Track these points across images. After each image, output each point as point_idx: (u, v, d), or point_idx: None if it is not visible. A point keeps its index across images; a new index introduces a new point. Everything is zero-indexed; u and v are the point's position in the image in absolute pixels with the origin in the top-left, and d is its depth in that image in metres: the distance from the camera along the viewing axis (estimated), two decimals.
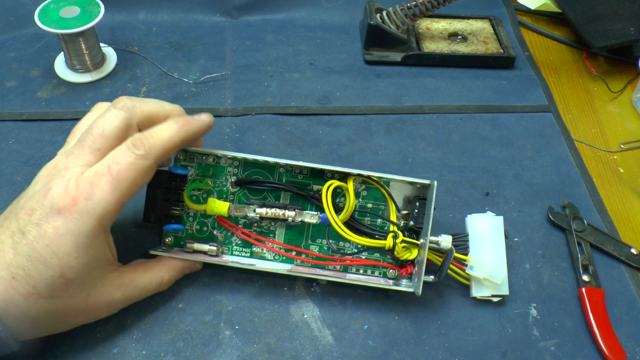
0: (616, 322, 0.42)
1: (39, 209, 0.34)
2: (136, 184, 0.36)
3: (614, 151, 0.56)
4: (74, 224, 0.33)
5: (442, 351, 0.40)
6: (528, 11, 0.71)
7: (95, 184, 0.34)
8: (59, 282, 0.34)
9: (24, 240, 0.33)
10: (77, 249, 0.34)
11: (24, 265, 0.33)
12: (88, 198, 0.34)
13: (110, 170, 0.35)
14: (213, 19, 0.65)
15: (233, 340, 0.39)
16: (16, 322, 0.33)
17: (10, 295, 0.33)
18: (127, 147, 0.35)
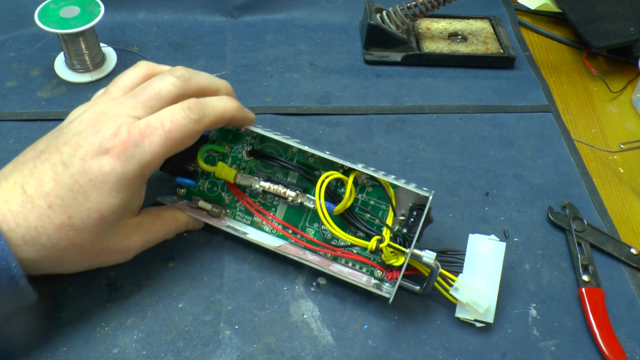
0: (616, 322, 0.42)
1: (86, 146, 0.35)
2: (182, 144, 0.38)
3: (614, 151, 0.56)
4: (120, 166, 0.35)
5: (442, 351, 0.40)
6: (528, 11, 0.71)
7: (147, 134, 0.36)
8: (94, 216, 0.35)
9: (67, 172, 0.34)
10: (118, 189, 0.35)
11: (63, 196, 0.34)
12: (137, 146, 0.35)
13: (163, 125, 0.36)
14: (213, 19, 0.65)
15: (233, 340, 0.39)
16: (43, 252, 0.34)
17: (44, 224, 0.33)
18: (182, 108, 0.37)
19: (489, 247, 0.42)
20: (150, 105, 0.38)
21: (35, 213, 0.33)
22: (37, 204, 0.33)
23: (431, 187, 0.50)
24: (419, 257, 0.40)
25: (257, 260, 0.44)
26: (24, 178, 0.34)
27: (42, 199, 0.34)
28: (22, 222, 0.33)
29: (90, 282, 0.41)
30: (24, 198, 0.33)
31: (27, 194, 0.34)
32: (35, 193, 0.34)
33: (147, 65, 0.41)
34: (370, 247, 0.40)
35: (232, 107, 0.40)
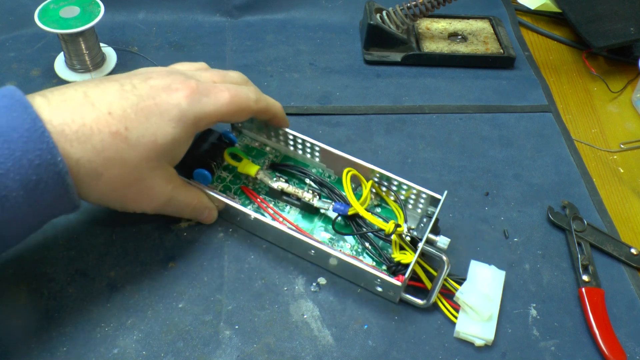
0: (616, 322, 0.42)
1: (159, 80, 0.37)
2: (238, 114, 0.41)
3: (614, 151, 0.56)
4: (185, 104, 0.37)
5: (442, 351, 0.40)
6: (528, 11, 0.71)
7: (213, 92, 0.39)
8: (148, 139, 0.36)
9: (135, 91, 0.36)
10: (177, 123, 0.37)
11: (125, 108, 0.35)
12: (204, 95, 0.38)
13: (229, 90, 0.40)
14: (213, 19, 0.65)
15: (233, 340, 0.39)
16: (90, 154, 0.34)
17: (99, 126, 0.34)
18: (248, 89, 0.42)
19: (488, 274, 0.43)
20: (215, 80, 0.41)
21: (94, 114, 0.34)
22: (97, 107, 0.34)
23: (431, 187, 0.50)
24: (434, 242, 0.41)
25: (257, 260, 0.44)
26: (87, 87, 0.35)
27: (103, 104, 0.34)
28: (78, 118, 0.34)
29: (90, 282, 0.41)
30: (85, 100, 0.34)
31: (89, 97, 0.34)
32: (97, 99, 0.35)
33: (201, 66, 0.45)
34: (387, 229, 0.41)
35: (279, 106, 0.45)
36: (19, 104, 0.33)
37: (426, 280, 0.42)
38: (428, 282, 0.42)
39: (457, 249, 0.46)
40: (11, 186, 0.32)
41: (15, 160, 0.31)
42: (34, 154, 0.32)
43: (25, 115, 0.32)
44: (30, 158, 0.32)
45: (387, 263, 0.42)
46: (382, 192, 0.46)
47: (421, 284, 0.42)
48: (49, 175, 0.32)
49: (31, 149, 0.32)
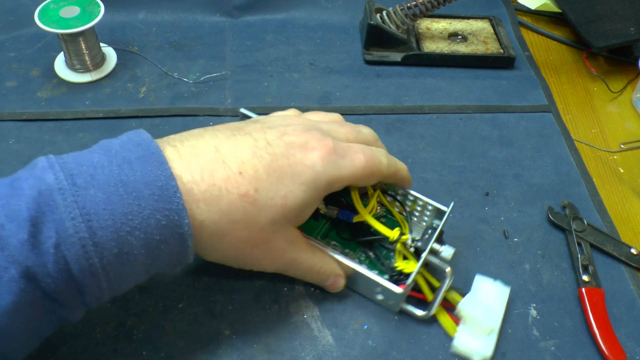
0: (616, 322, 0.42)
1: (295, 137, 0.35)
2: (369, 178, 0.39)
3: (614, 151, 0.56)
4: (321, 166, 0.35)
5: (442, 351, 0.40)
6: (528, 11, 0.71)
7: (349, 154, 0.37)
8: (277, 201, 0.34)
9: (269, 149, 0.34)
10: (309, 186, 0.35)
11: (257, 168, 0.34)
12: (341, 157, 0.36)
13: (365, 153, 0.38)
14: (213, 19, 0.65)
15: (233, 340, 0.39)
16: (215, 216, 0.33)
17: (228, 187, 0.33)
18: (380, 151, 0.40)
19: (493, 289, 0.42)
20: (349, 137, 0.39)
21: (224, 173, 0.33)
22: (229, 165, 0.33)
23: (431, 187, 0.50)
24: (438, 251, 0.40)
25: None
26: (219, 141, 0.34)
27: (234, 162, 0.33)
28: (207, 176, 0.32)
29: None
30: (216, 156, 0.33)
31: (220, 153, 0.33)
32: (229, 155, 0.33)
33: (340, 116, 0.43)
34: (392, 237, 0.41)
35: (405, 168, 0.43)
36: (154, 157, 0.31)
37: (428, 292, 0.41)
38: (430, 293, 0.41)
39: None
40: (134, 244, 0.31)
41: (144, 218, 0.30)
42: (163, 213, 0.31)
43: (160, 172, 0.31)
44: (158, 217, 0.31)
45: (390, 272, 0.42)
46: (387, 202, 0.45)
47: (422, 295, 0.41)
48: (172, 236, 0.32)
49: (160, 209, 0.31)
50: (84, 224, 0.29)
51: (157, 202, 0.31)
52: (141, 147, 0.32)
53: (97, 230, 0.29)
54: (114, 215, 0.30)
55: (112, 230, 0.30)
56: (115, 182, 0.30)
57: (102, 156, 0.31)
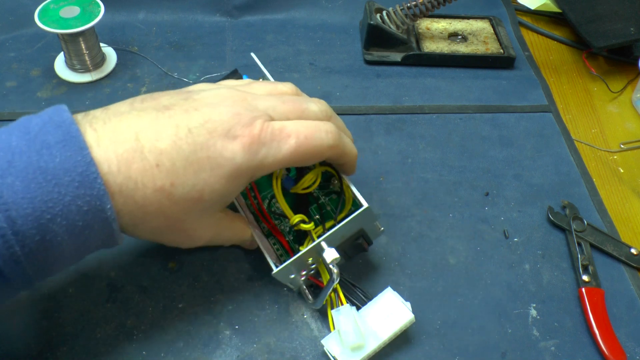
0: (616, 322, 0.42)
1: (218, 123, 0.34)
2: (306, 161, 0.37)
3: (614, 151, 0.56)
4: (241, 157, 0.34)
5: (442, 351, 0.40)
6: (528, 11, 0.71)
7: (278, 139, 0.35)
8: (193, 195, 0.34)
9: (189, 139, 0.33)
10: (228, 178, 0.34)
11: (175, 161, 0.32)
12: (265, 145, 0.34)
13: (298, 136, 0.35)
14: (213, 19, 0.65)
15: (233, 340, 0.39)
16: (132, 207, 0.32)
17: (144, 180, 0.32)
18: (325, 131, 0.36)
19: (394, 310, 0.39)
20: (289, 116, 0.37)
21: (140, 165, 0.32)
22: (146, 157, 0.32)
23: (431, 187, 0.50)
24: (322, 250, 0.38)
25: (257, 260, 0.44)
26: (141, 125, 0.33)
27: (152, 154, 0.32)
28: (124, 169, 0.31)
29: (90, 282, 0.41)
30: (135, 145, 0.32)
31: (140, 143, 0.32)
32: (149, 145, 0.32)
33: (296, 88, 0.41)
34: (292, 220, 0.40)
35: (354, 154, 0.40)
36: (73, 142, 0.31)
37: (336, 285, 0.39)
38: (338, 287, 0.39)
39: (458, 249, 0.46)
40: (57, 231, 0.30)
41: (64, 205, 0.30)
42: (84, 199, 0.30)
43: (80, 158, 0.30)
44: (80, 204, 0.30)
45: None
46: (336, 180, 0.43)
47: (321, 283, 0.40)
48: (95, 221, 0.31)
49: (81, 195, 0.30)
50: (2, 213, 0.29)
51: (77, 188, 0.30)
52: (61, 130, 0.31)
53: (17, 219, 0.29)
54: (34, 204, 0.29)
55: (32, 218, 0.29)
56: (34, 169, 0.30)
57: (20, 139, 0.30)
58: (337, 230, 0.38)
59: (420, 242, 0.46)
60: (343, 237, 0.39)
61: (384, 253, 0.45)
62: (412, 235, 0.46)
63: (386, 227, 0.47)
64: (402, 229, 0.47)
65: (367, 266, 0.44)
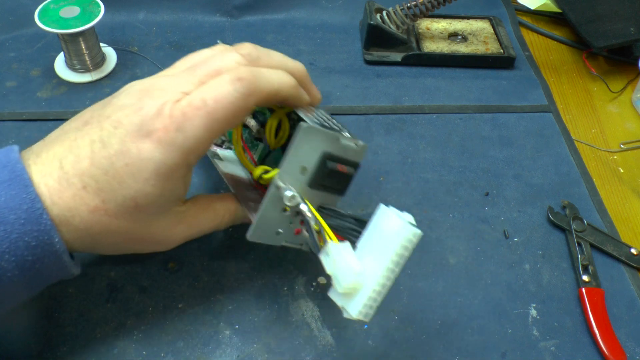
0: (616, 322, 0.42)
1: (127, 125, 0.32)
2: (229, 123, 0.33)
3: (614, 151, 0.56)
4: (160, 153, 0.32)
5: (442, 351, 0.40)
6: (528, 11, 0.71)
7: (189, 116, 0.32)
8: (128, 204, 0.32)
9: (104, 152, 0.32)
10: (157, 177, 0.32)
11: (98, 178, 0.32)
12: (179, 130, 0.32)
13: (206, 105, 0.32)
14: (213, 19, 0.65)
15: (233, 340, 0.39)
16: (76, 234, 0.32)
17: (77, 205, 0.32)
18: (230, 81, 0.33)
19: (393, 229, 0.31)
20: (205, 82, 0.34)
21: (70, 192, 0.31)
22: (72, 183, 0.31)
23: (431, 187, 0.50)
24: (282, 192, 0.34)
25: (257, 260, 0.44)
26: (63, 151, 0.32)
27: (77, 177, 0.32)
28: (57, 199, 0.31)
29: (90, 282, 0.41)
30: (61, 174, 0.32)
31: (64, 170, 0.32)
32: (72, 170, 0.32)
33: (224, 46, 0.38)
34: (254, 174, 0.38)
35: (289, 84, 0.36)
36: (18, 180, 0.31)
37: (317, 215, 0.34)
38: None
39: (458, 249, 0.46)
40: (6, 267, 0.30)
41: (12, 242, 0.30)
42: (31, 235, 0.30)
43: (25, 195, 0.30)
44: (27, 240, 0.30)
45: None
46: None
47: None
48: (45, 254, 0.31)
49: (28, 231, 0.30)
50: None
51: (23, 225, 0.30)
52: (7, 169, 0.31)
53: None
54: None
55: None
56: None
57: None
58: (288, 163, 0.34)
59: (420, 242, 0.46)
60: (305, 169, 0.35)
61: None
62: None
63: None
64: None
65: None
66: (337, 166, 0.35)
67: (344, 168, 0.35)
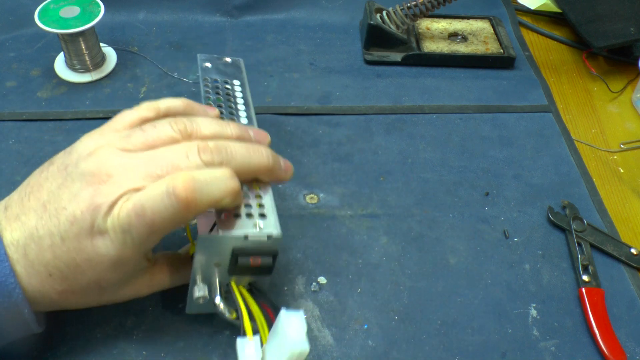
0: (616, 322, 0.42)
1: (81, 222, 0.32)
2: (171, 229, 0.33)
3: (614, 151, 0.56)
4: (114, 249, 0.33)
5: (442, 351, 0.40)
6: (528, 11, 0.71)
7: (132, 222, 0.32)
8: (93, 287, 0.34)
9: (64, 246, 0.33)
10: (115, 268, 0.34)
11: (61, 269, 0.33)
12: (125, 232, 0.32)
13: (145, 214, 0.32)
14: (213, 19, 0.65)
15: (233, 340, 0.39)
16: (51, 307, 0.35)
17: (46, 290, 0.33)
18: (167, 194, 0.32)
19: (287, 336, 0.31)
20: (160, 177, 0.33)
21: (38, 279, 0.33)
22: (39, 270, 0.33)
23: (431, 187, 0.50)
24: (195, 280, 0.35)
25: None
26: (25, 239, 0.33)
27: (42, 266, 0.33)
28: (26, 284, 0.33)
29: None
30: (26, 262, 0.33)
31: (29, 259, 0.33)
32: (37, 260, 0.33)
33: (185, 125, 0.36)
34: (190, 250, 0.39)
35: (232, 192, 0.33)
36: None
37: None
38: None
39: (458, 249, 0.46)
40: None
41: None
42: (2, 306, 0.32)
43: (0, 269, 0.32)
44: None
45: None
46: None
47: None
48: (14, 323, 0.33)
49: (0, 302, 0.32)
50: None
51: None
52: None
53: None
54: None
55: None
56: None
57: None
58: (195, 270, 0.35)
59: (420, 242, 0.46)
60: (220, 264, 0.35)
61: (384, 253, 0.45)
62: (412, 235, 0.46)
63: (386, 227, 0.47)
64: (402, 229, 0.47)
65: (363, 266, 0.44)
66: (249, 261, 0.34)
67: (258, 261, 0.35)
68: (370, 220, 0.47)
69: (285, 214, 0.47)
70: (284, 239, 0.45)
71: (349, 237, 0.46)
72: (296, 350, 0.31)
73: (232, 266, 0.35)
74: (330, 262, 0.44)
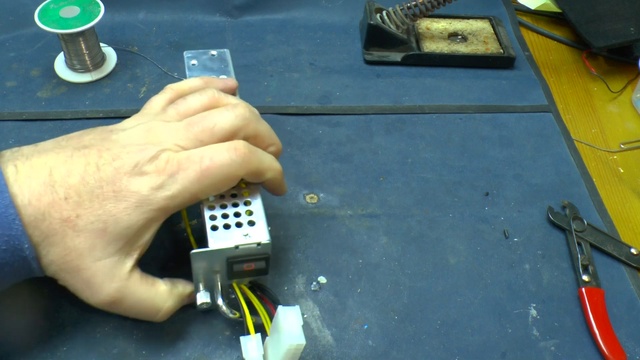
0: (616, 322, 0.42)
1: (125, 160, 0.34)
2: (217, 185, 0.36)
3: (614, 151, 0.56)
4: (147, 190, 0.34)
5: (442, 351, 0.40)
6: (528, 11, 0.71)
7: (183, 167, 0.35)
8: (97, 226, 0.34)
9: (97, 175, 0.34)
10: (134, 210, 0.34)
11: (82, 194, 0.34)
12: (170, 176, 0.34)
13: (202, 161, 0.35)
14: (213, 19, 0.65)
15: (233, 340, 0.39)
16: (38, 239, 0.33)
17: (51, 212, 0.33)
18: (228, 149, 0.36)
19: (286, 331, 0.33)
20: (201, 139, 0.36)
21: (49, 198, 0.33)
22: (56, 191, 0.33)
23: (431, 187, 0.50)
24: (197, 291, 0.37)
25: None
26: (56, 162, 0.34)
27: (62, 188, 0.33)
28: (34, 201, 0.33)
29: None
30: (48, 180, 0.33)
31: (53, 178, 0.33)
32: (60, 180, 0.33)
33: (213, 93, 0.39)
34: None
35: (276, 170, 0.38)
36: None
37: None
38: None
39: (458, 249, 0.46)
40: None
41: None
42: (2, 239, 0.32)
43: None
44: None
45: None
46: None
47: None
48: (15, 259, 0.32)
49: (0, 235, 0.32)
50: None
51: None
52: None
53: None
54: None
55: None
56: None
57: None
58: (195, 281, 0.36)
59: (420, 242, 0.46)
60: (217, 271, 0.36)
61: (384, 253, 0.45)
62: (412, 235, 0.46)
63: (386, 227, 0.47)
64: (402, 229, 0.47)
65: (363, 265, 0.44)
66: (243, 267, 0.36)
67: (252, 266, 0.37)
68: (370, 220, 0.47)
69: (285, 214, 0.47)
70: (284, 239, 0.45)
71: (349, 237, 0.46)
72: (293, 344, 0.32)
73: (229, 273, 0.36)
74: (330, 262, 0.44)
